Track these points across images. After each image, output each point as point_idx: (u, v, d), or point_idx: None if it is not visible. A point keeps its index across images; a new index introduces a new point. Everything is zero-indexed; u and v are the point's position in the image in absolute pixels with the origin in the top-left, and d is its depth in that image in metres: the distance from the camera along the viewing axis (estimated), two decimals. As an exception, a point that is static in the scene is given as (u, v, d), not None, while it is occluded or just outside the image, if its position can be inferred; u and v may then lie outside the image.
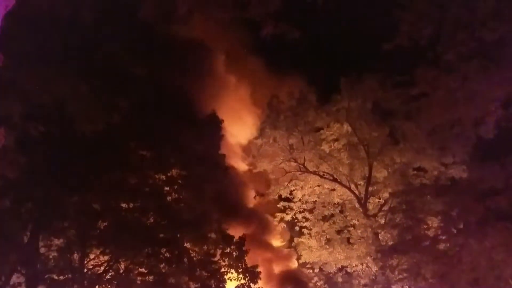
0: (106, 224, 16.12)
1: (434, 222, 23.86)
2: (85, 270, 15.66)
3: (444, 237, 21.99)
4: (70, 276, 15.30)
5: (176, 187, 17.77)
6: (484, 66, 18.47)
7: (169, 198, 17.58)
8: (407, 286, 24.79)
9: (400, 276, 23.94)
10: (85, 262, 15.75)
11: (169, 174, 17.82)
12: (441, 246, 22.53)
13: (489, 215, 19.40)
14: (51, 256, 15.59)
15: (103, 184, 16.22)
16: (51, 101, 14.83)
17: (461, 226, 21.37)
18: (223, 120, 21.46)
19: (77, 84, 15.14)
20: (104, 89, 16.29)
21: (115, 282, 15.94)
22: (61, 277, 15.27)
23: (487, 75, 18.79)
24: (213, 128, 20.58)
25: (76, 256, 15.66)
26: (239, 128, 26.72)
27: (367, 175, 27.04)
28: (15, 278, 15.07)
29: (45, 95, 14.35)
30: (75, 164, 15.35)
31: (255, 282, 17.78)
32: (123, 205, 16.67)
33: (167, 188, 17.68)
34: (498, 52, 18.55)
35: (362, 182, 27.55)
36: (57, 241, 15.77)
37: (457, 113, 21.34)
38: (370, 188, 26.97)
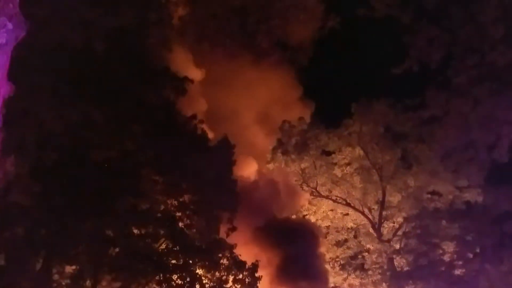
0: (118, 250, 16.12)
1: (449, 247, 23.51)
2: (97, 297, 15.64)
3: (460, 262, 21.66)
4: (82, 303, 15.29)
5: (188, 212, 17.75)
6: (496, 89, 18.45)
7: (181, 224, 17.54)
8: (424, 313, 24.31)
9: (417, 303, 23.54)
10: (97, 289, 15.73)
11: (181, 200, 17.82)
12: (457, 272, 22.18)
13: (505, 239, 19.12)
14: (63, 283, 15.61)
15: (116, 211, 16.29)
16: (64, 129, 15.06)
17: (477, 251, 21.08)
18: (235, 145, 21.57)
19: (90, 111, 15.38)
20: (116, 116, 16.51)
21: (127, 309, 15.82)
22: (74, 305, 15.26)
23: (499, 98, 18.75)
24: (224, 153, 20.64)
25: (88, 283, 15.64)
26: (251, 153, 26.75)
27: (380, 199, 26.87)
28: (28, 306, 15.09)
29: (57, 123, 14.59)
30: (88, 191, 15.47)
31: (268, 309, 17.57)
32: (135, 231, 16.69)
33: (179, 214, 17.66)
34: (510, 75, 18.54)
35: (375, 207, 27.35)
36: (70, 268, 15.81)
37: (470, 137, 21.29)
38: (384, 213, 26.76)
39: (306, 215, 27.51)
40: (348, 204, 27.72)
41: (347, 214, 28.06)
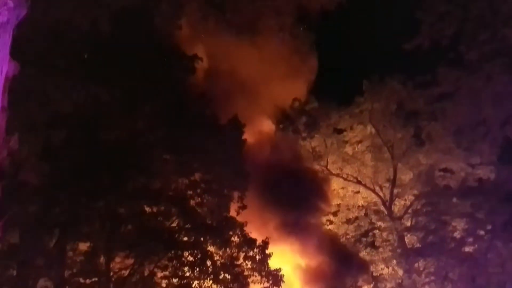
0: (130, 228, 16.41)
1: (460, 224, 23.46)
2: (111, 274, 15.95)
3: (470, 239, 21.63)
4: (96, 279, 15.63)
5: (199, 191, 17.95)
6: (508, 65, 18.12)
7: (192, 202, 17.76)
8: (434, 290, 24.43)
9: (427, 280, 23.62)
10: (111, 265, 16.06)
11: (192, 179, 18.00)
12: (467, 249, 22.16)
13: (517, 216, 19.05)
14: (77, 260, 16.00)
15: (127, 189, 16.53)
16: (73, 109, 15.21)
17: (488, 228, 21.01)
18: (245, 125, 21.60)
19: (99, 92, 15.49)
20: (125, 96, 16.61)
21: (140, 285, 16.18)
22: (88, 281, 15.62)
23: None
24: (235, 132, 20.70)
25: (102, 260, 16.00)
26: (261, 132, 26.73)
27: (391, 177, 26.77)
28: (42, 282, 15.50)
29: (66, 103, 14.73)
30: (99, 170, 15.68)
31: (278, 286, 17.77)
32: (147, 209, 16.94)
33: (190, 192, 17.86)
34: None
35: (387, 184, 27.28)
36: (83, 245, 16.17)
37: (482, 113, 21.03)
38: (395, 190, 26.69)
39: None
40: (359, 182, 27.69)
41: (358, 192, 28.04)
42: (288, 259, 23.07)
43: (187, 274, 16.62)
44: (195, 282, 16.83)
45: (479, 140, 22.87)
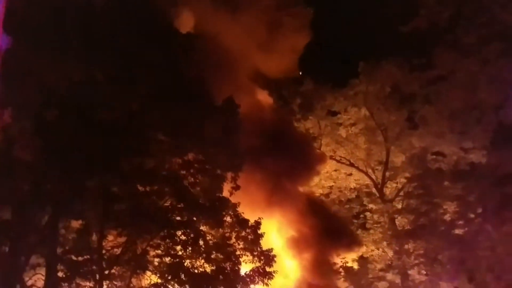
0: (123, 206, 16.38)
1: (451, 207, 23.71)
2: (103, 252, 15.98)
3: (460, 222, 21.88)
4: (88, 257, 15.66)
5: (192, 171, 17.91)
6: (505, 50, 18.10)
7: (185, 182, 17.72)
8: (423, 271, 24.76)
9: (416, 261, 23.96)
10: (103, 243, 16.08)
11: (185, 158, 17.94)
12: (458, 231, 22.43)
13: (507, 201, 19.22)
14: (70, 238, 15.99)
15: (121, 168, 16.45)
16: (68, 88, 15.02)
17: (479, 211, 21.23)
18: (239, 105, 21.46)
19: (94, 72, 15.28)
20: (120, 76, 16.40)
21: (133, 263, 16.22)
22: (80, 258, 15.63)
23: (508, 59, 18.43)
24: (229, 113, 20.59)
25: (94, 237, 16.01)
26: (255, 113, 26.57)
27: (384, 160, 26.94)
28: (34, 259, 15.49)
29: (61, 81, 14.53)
30: (92, 149, 15.56)
31: (270, 266, 17.90)
32: (140, 188, 16.89)
33: (183, 172, 17.81)
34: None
35: (379, 167, 27.48)
36: (76, 223, 16.15)
37: (477, 97, 21.08)
38: (387, 173, 26.90)
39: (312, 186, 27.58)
40: (351, 165, 27.85)
41: (351, 175, 28.24)
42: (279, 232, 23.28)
43: (180, 253, 16.66)
44: (187, 261, 16.89)
45: (472, 124, 22.97)
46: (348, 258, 25.17)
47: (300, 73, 27.59)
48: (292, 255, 23.72)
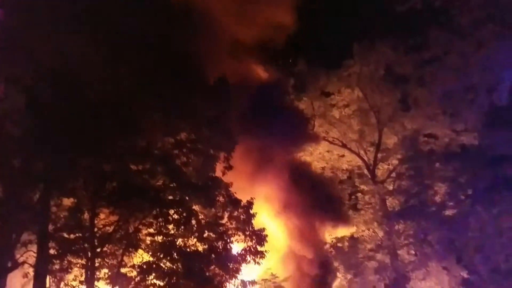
0: (115, 185, 16.32)
1: (441, 188, 23.90)
2: (95, 230, 15.99)
3: (451, 203, 22.07)
4: (80, 234, 15.65)
5: (184, 150, 17.84)
6: (499, 32, 18.03)
7: (177, 161, 17.66)
8: (412, 252, 25.07)
9: (406, 242, 24.23)
10: (95, 221, 16.06)
11: (178, 138, 17.85)
12: (448, 212, 22.64)
13: (498, 182, 19.40)
14: (61, 215, 15.94)
15: (113, 147, 16.33)
16: (59, 64, 14.79)
17: (469, 193, 21.41)
18: (231, 85, 21.32)
19: (85, 48, 15.03)
20: (113, 54, 16.16)
21: (125, 242, 16.24)
22: (72, 236, 15.63)
23: (502, 41, 18.39)
24: (222, 92, 20.46)
25: (86, 215, 15.97)
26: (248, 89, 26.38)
27: (376, 142, 27.01)
28: (25, 236, 15.46)
29: (52, 57, 14.29)
30: (85, 126, 15.42)
31: (261, 245, 18.01)
32: (133, 167, 16.81)
33: (176, 152, 17.74)
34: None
35: (371, 148, 27.56)
36: (68, 201, 16.08)
37: (470, 79, 21.07)
38: (379, 155, 26.99)
39: (302, 156, 27.68)
40: (344, 146, 27.91)
41: (343, 156, 28.32)
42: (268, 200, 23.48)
43: (172, 231, 16.70)
44: (180, 240, 16.96)
45: (465, 106, 23.03)
46: (338, 234, 25.51)
47: (290, 61, 27.54)
48: (280, 223, 23.95)
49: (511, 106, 20.30)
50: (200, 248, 17.12)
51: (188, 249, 16.87)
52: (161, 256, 16.40)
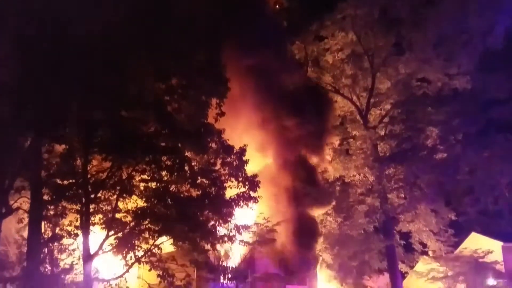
0: (107, 132, 16.15)
1: (433, 132, 24.04)
2: (88, 176, 16.00)
3: (442, 147, 22.25)
4: (73, 181, 15.65)
5: (176, 96, 17.58)
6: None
7: (169, 108, 17.45)
8: (402, 195, 25.58)
9: (396, 186, 24.65)
10: (88, 168, 16.04)
11: (169, 83, 17.54)
12: (439, 155, 22.87)
13: (490, 126, 19.49)
14: (54, 162, 15.87)
15: (104, 93, 16.01)
16: (48, 9, 14.21)
17: (461, 136, 21.55)
18: (223, 30, 20.77)
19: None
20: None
21: (118, 188, 16.28)
22: (65, 182, 15.62)
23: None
24: (213, 37, 19.95)
25: (78, 162, 15.92)
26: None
27: (369, 87, 26.85)
28: (18, 182, 15.45)
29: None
30: (73, 72, 15.02)
31: (254, 191, 18.15)
32: (124, 113, 16.59)
33: (167, 98, 17.49)
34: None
35: (364, 94, 27.47)
36: (59, 147, 15.95)
37: (465, 22, 20.68)
38: (372, 100, 26.95)
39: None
40: (337, 91, 27.74)
41: (336, 102, 28.22)
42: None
43: (165, 178, 16.73)
44: (173, 186, 17.04)
45: (459, 50, 22.78)
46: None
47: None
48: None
49: (504, 50, 20.05)
50: (194, 194, 17.23)
51: (181, 195, 16.99)
52: (155, 202, 16.52)
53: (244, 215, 19.54)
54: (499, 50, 20.47)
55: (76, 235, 15.89)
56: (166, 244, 17.19)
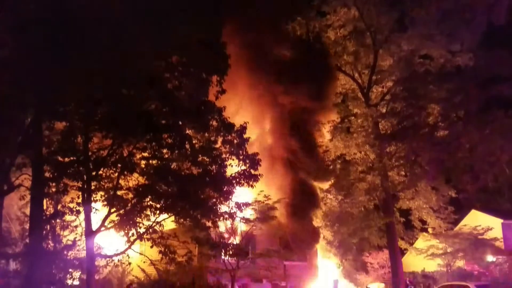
0: (107, 109, 16.11)
1: (435, 109, 23.95)
2: (90, 153, 16.03)
3: (443, 124, 22.17)
4: (74, 158, 15.70)
5: (176, 74, 17.46)
6: None
7: (169, 85, 17.35)
8: (402, 173, 25.63)
9: (397, 163, 24.66)
10: (89, 145, 16.06)
11: (169, 61, 17.40)
12: (440, 133, 22.82)
13: (492, 103, 19.39)
14: (55, 139, 15.88)
15: (102, 71, 15.89)
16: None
17: (463, 113, 21.45)
18: (224, 6, 20.53)
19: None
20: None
21: (120, 165, 16.32)
22: (66, 159, 15.67)
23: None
24: (213, 13, 19.71)
25: (79, 140, 15.93)
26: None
27: (371, 64, 26.64)
28: (20, 160, 15.48)
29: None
30: (72, 48, 14.89)
31: (255, 169, 18.15)
32: (124, 91, 16.50)
33: (167, 75, 17.37)
34: None
35: (366, 71, 27.26)
36: (60, 125, 15.94)
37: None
38: (374, 77, 26.76)
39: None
40: (339, 69, 27.53)
41: (337, 79, 28.02)
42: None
43: (166, 156, 16.75)
44: (174, 164, 17.07)
45: (462, 26, 22.52)
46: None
47: None
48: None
49: (507, 26, 19.82)
50: (195, 172, 17.27)
51: (182, 173, 17.03)
52: (156, 179, 16.58)
53: (244, 192, 19.63)
54: (502, 26, 20.23)
55: (78, 212, 16.00)
56: (168, 221, 17.32)
